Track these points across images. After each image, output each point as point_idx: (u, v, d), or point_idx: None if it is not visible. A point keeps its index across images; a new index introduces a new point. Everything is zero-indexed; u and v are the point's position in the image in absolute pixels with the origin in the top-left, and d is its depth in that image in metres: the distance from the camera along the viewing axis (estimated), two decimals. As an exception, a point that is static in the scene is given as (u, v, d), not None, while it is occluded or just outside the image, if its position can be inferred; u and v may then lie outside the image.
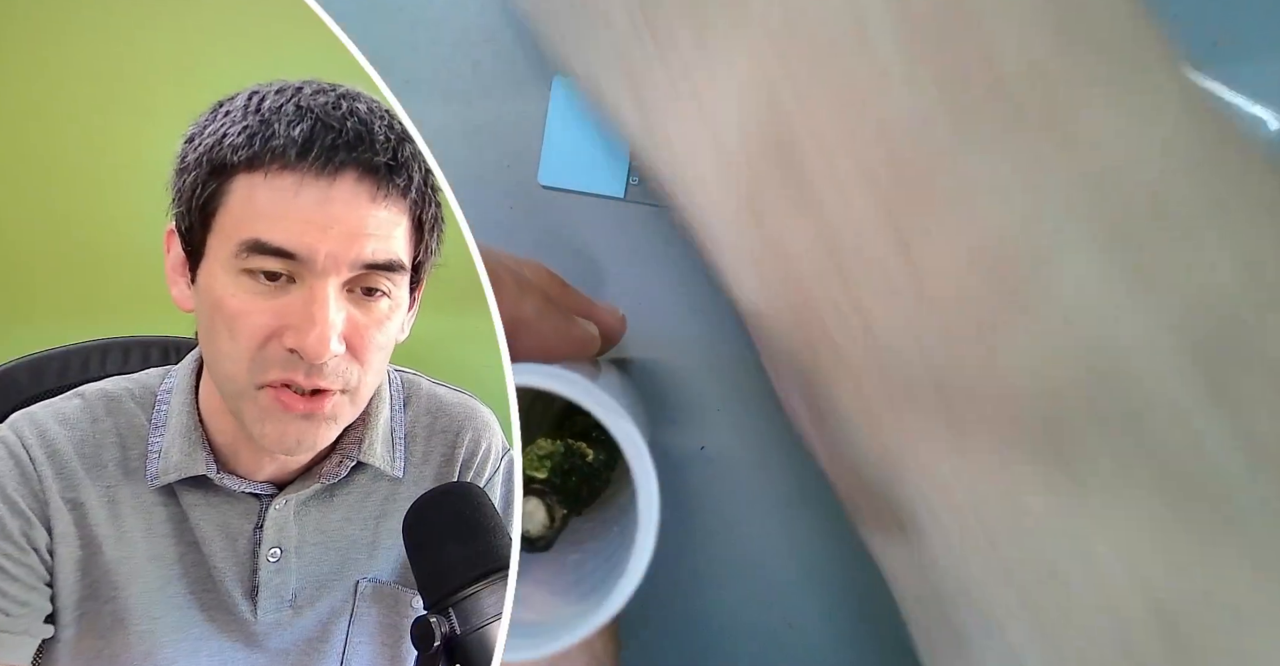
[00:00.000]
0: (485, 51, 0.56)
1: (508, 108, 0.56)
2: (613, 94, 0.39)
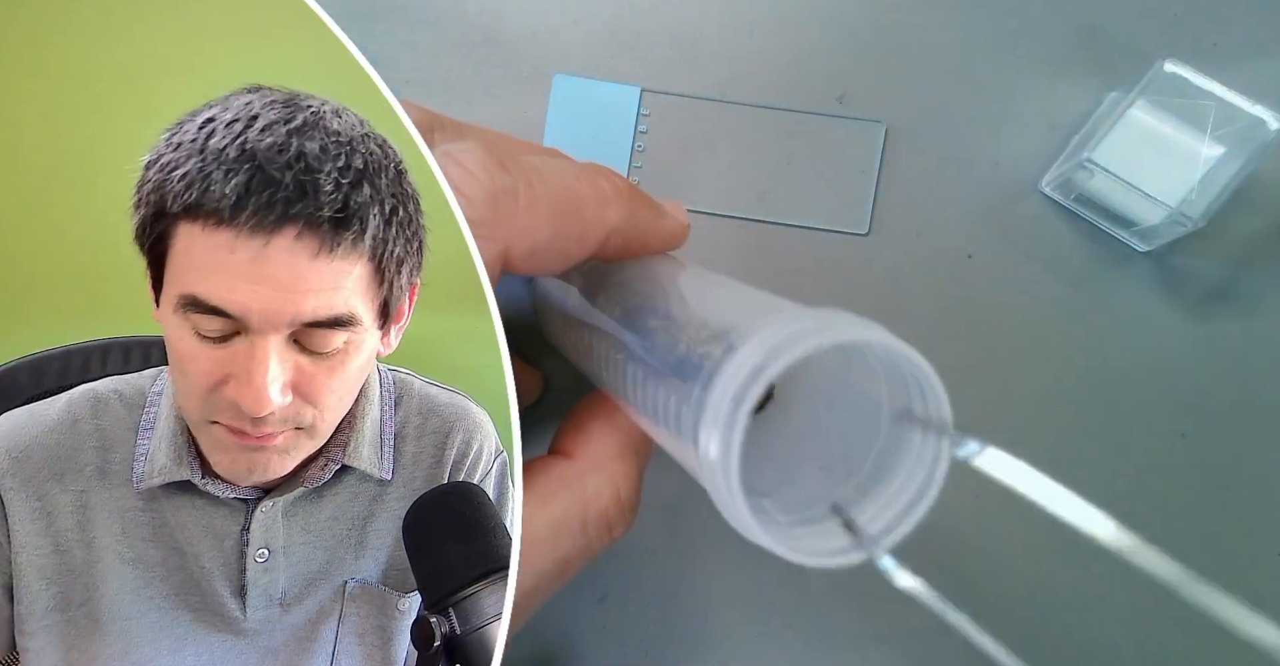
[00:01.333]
0: (485, 51, 0.57)
1: (508, 108, 0.56)
2: None
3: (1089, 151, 0.49)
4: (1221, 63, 0.50)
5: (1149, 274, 0.53)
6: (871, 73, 0.55)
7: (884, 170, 0.54)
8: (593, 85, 0.56)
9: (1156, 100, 0.48)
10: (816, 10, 0.55)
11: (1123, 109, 0.49)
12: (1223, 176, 0.48)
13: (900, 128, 0.55)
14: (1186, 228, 0.48)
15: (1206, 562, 0.57)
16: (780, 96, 0.55)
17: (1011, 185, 0.54)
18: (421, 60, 0.56)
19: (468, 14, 0.56)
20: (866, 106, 0.55)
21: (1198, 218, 0.47)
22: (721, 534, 0.56)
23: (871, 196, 0.55)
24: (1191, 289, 0.53)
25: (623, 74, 0.56)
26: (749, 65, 0.55)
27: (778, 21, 0.55)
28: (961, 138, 0.54)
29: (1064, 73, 0.54)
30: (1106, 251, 0.53)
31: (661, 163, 0.56)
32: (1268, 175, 0.51)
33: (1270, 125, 0.47)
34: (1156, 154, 0.48)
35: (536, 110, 0.56)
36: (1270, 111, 0.47)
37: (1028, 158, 0.54)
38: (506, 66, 0.56)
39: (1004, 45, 0.54)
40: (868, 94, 0.55)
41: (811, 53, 0.55)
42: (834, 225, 0.55)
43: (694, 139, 0.55)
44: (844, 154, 0.55)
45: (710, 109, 0.55)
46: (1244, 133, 0.47)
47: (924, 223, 0.54)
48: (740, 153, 0.55)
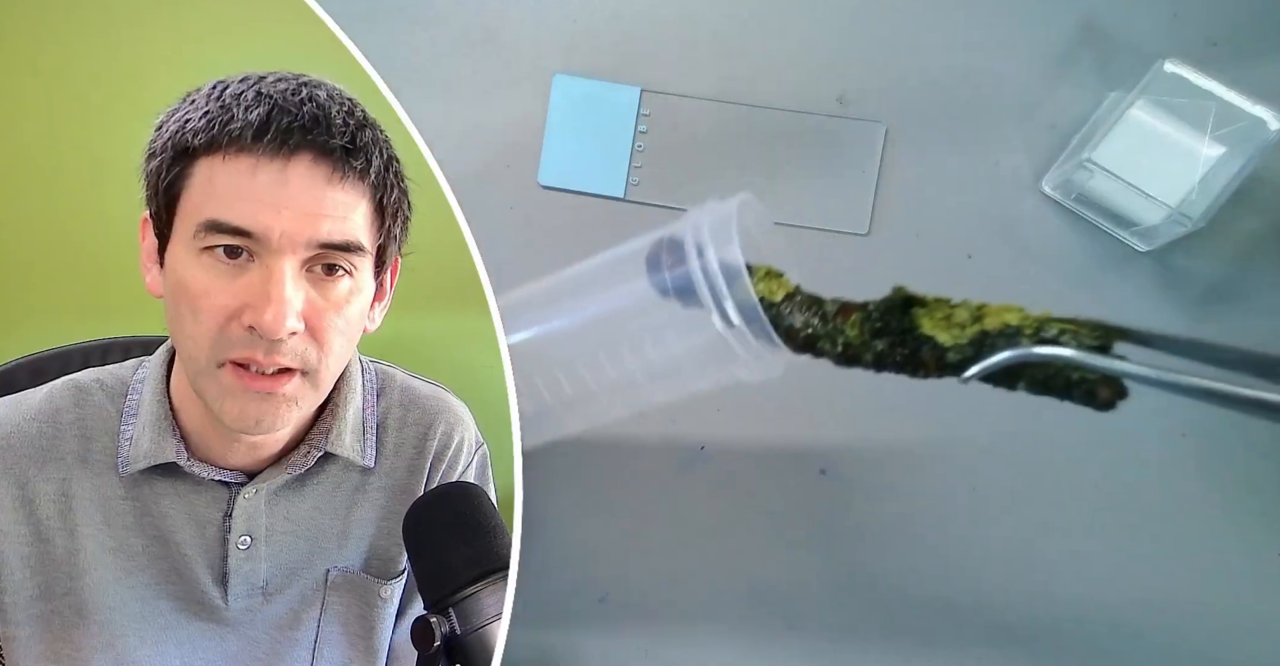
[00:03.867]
0: (485, 51, 0.57)
1: (508, 108, 0.56)
2: None
3: (1089, 151, 0.49)
4: (1221, 63, 0.50)
5: (1149, 274, 0.53)
6: (871, 73, 0.55)
7: (884, 170, 0.54)
8: (593, 85, 0.56)
9: (1156, 100, 0.48)
10: (816, 10, 0.55)
11: (1123, 109, 0.49)
12: (1223, 176, 0.48)
13: (900, 128, 0.55)
14: (1186, 228, 0.48)
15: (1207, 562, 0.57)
16: (780, 96, 0.55)
17: (1011, 185, 0.54)
18: (421, 60, 0.56)
19: (468, 14, 0.56)
20: (866, 106, 0.55)
21: (1198, 218, 0.47)
22: (721, 534, 0.56)
23: (871, 196, 0.55)
24: (1191, 289, 0.53)
25: (623, 74, 0.56)
26: (749, 65, 0.55)
27: (778, 21, 0.55)
28: (961, 138, 0.54)
29: (1064, 73, 0.54)
30: (1106, 251, 0.53)
31: (661, 163, 0.56)
32: (1268, 175, 0.51)
33: (1270, 125, 0.47)
34: (1156, 154, 0.48)
35: (536, 110, 0.56)
36: (1270, 111, 0.47)
37: (1028, 158, 0.54)
38: (506, 66, 0.56)
39: (1004, 45, 0.54)
40: (868, 94, 0.55)
41: (811, 53, 0.55)
42: (834, 225, 0.55)
43: (694, 139, 0.55)
44: (844, 154, 0.55)
45: (710, 109, 0.55)
46: (1244, 133, 0.47)
47: (924, 223, 0.54)
48: (740, 153, 0.55)
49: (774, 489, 0.55)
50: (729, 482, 0.55)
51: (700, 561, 0.55)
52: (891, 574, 0.54)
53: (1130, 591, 0.53)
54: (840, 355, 0.34)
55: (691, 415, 0.55)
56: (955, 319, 0.33)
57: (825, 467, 0.55)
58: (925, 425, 0.54)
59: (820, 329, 0.34)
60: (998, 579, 0.54)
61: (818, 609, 0.54)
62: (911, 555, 0.54)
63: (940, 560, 0.54)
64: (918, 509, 0.54)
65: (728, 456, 0.55)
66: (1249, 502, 0.52)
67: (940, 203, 0.54)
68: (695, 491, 0.55)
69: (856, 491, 0.54)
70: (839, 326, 0.34)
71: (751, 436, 0.55)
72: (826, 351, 0.35)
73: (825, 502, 0.54)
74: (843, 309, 0.34)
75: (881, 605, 0.54)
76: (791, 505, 0.55)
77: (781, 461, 0.55)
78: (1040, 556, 0.53)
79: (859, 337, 0.34)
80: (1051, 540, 0.53)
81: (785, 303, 0.35)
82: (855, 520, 0.54)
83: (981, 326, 0.32)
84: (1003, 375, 0.32)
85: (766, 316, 0.35)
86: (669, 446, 0.55)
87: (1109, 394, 0.32)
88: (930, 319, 0.33)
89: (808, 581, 0.54)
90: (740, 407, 0.55)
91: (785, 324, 0.35)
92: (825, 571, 0.54)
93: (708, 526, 0.55)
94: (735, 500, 0.55)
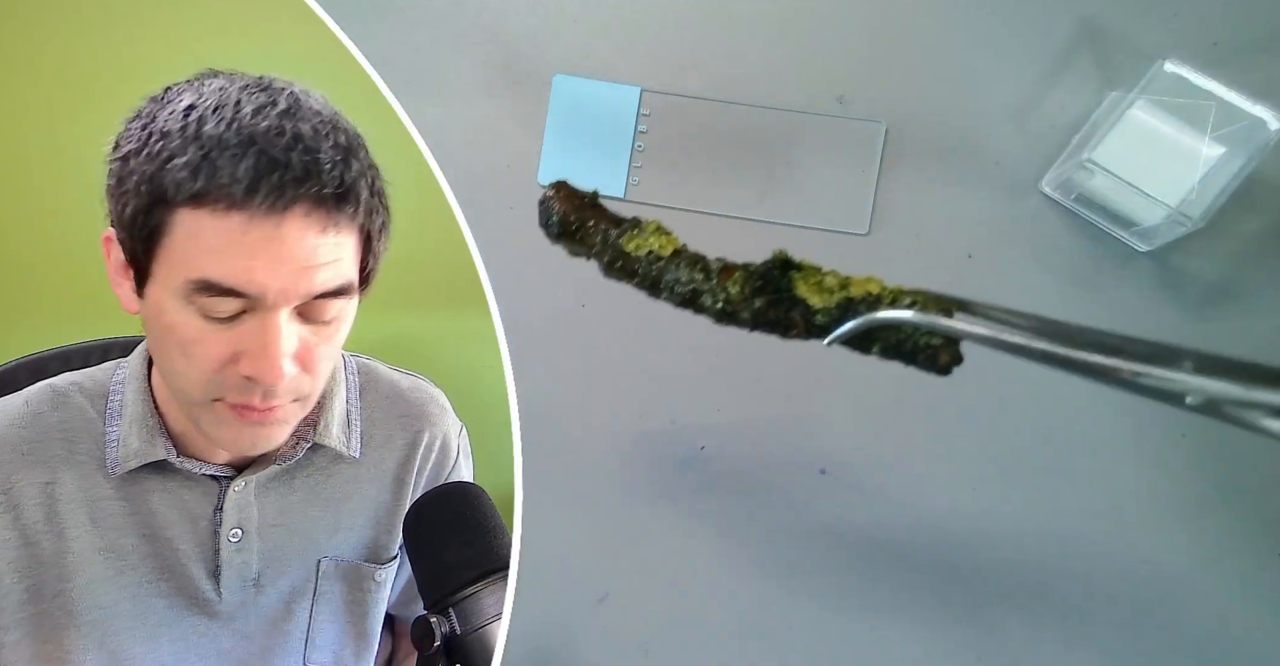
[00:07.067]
0: (485, 51, 0.57)
1: (508, 108, 0.56)
2: None
3: (1089, 151, 0.49)
4: (1221, 63, 0.49)
5: (1149, 274, 0.53)
6: (871, 73, 0.55)
7: (884, 170, 0.54)
8: (593, 85, 0.56)
9: (1156, 100, 0.48)
10: (816, 10, 0.55)
11: (1123, 109, 0.49)
12: (1223, 176, 0.48)
13: (900, 128, 0.55)
14: (1186, 228, 0.48)
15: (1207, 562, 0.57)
16: (780, 96, 0.55)
17: (1011, 185, 0.54)
18: (421, 60, 0.56)
19: (468, 14, 0.56)
20: (866, 106, 0.55)
21: (1198, 218, 0.47)
22: (721, 534, 0.56)
23: (871, 196, 0.54)
24: (1191, 289, 0.53)
25: (623, 74, 0.56)
26: (749, 65, 0.55)
27: (778, 21, 0.55)
28: (961, 138, 0.54)
29: (1064, 72, 0.54)
30: (1106, 251, 0.53)
31: (661, 163, 0.56)
32: (1268, 175, 0.51)
33: (1270, 125, 0.47)
34: (1156, 154, 0.48)
35: (536, 110, 0.56)
36: (1270, 111, 0.47)
37: (1028, 158, 0.54)
38: (506, 66, 0.56)
39: (1004, 45, 0.54)
40: (868, 94, 0.55)
41: (811, 53, 0.55)
42: (834, 225, 0.55)
43: (694, 139, 0.55)
44: (844, 154, 0.55)
45: (710, 109, 0.55)
46: (1244, 133, 0.47)
47: (924, 223, 0.54)
48: (740, 153, 0.55)
49: (774, 489, 0.55)
50: (729, 482, 0.55)
51: (700, 561, 0.55)
52: (892, 574, 0.54)
53: (1130, 591, 0.53)
54: (720, 311, 0.36)
55: (691, 415, 0.55)
56: (825, 285, 0.35)
57: (825, 467, 0.55)
58: (925, 425, 0.54)
59: (703, 285, 0.36)
60: (999, 582, 0.54)
61: (818, 609, 0.54)
62: (912, 555, 0.54)
63: (940, 560, 0.54)
64: (918, 509, 0.54)
65: (728, 456, 0.55)
66: (1248, 502, 0.52)
67: (940, 203, 0.54)
68: (695, 491, 0.55)
69: (856, 491, 0.54)
70: (722, 283, 0.36)
71: (751, 436, 0.55)
72: (707, 307, 0.36)
73: (825, 502, 0.54)
74: (726, 268, 0.36)
75: (882, 605, 0.54)
76: (791, 505, 0.55)
77: (781, 461, 0.55)
78: (1041, 557, 0.53)
79: (740, 295, 0.36)
80: (1051, 543, 0.53)
81: (673, 258, 0.37)
82: (855, 520, 0.54)
83: (847, 293, 0.35)
84: (861, 339, 0.35)
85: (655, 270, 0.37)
86: (669, 446, 0.55)
87: (948, 359, 0.35)
88: (805, 283, 0.36)
89: (808, 581, 0.54)
90: (740, 407, 0.55)
91: (670, 278, 0.37)
92: (825, 571, 0.54)
93: (708, 526, 0.55)
94: (735, 500, 0.55)
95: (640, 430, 0.56)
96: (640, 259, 0.37)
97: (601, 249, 0.37)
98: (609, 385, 0.56)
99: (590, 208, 0.38)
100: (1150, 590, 0.53)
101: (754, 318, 0.36)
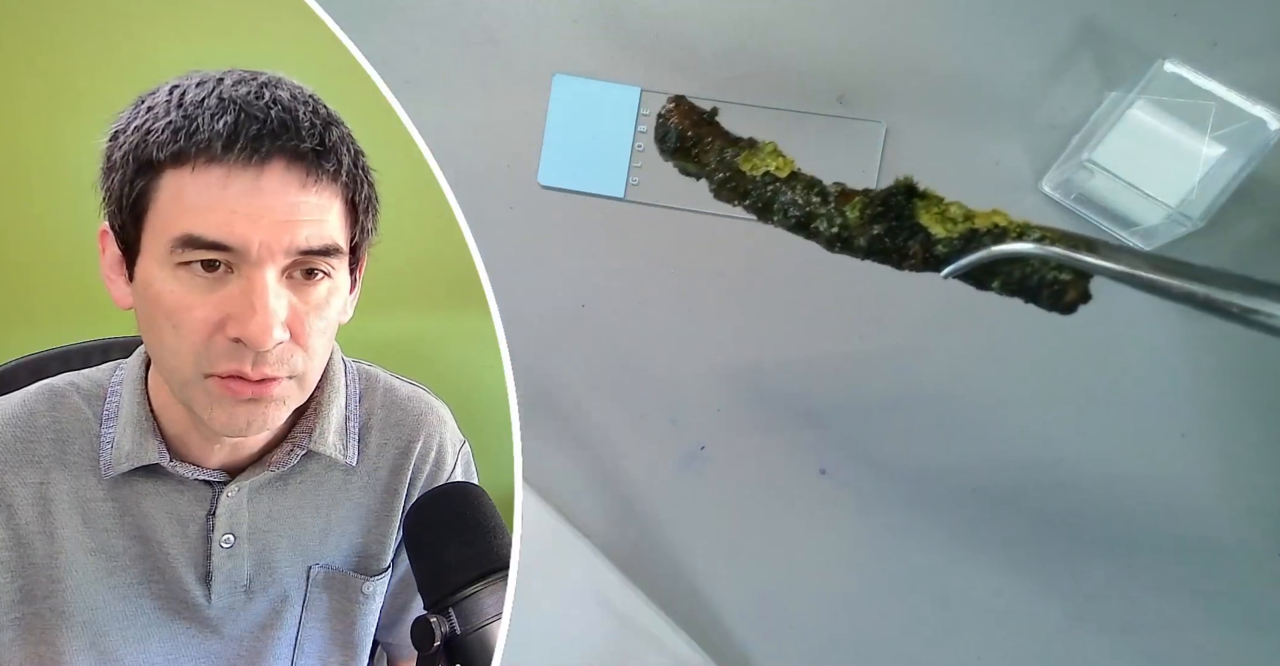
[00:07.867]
0: (485, 51, 0.57)
1: (508, 108, 0.56)
2: None
3: (1089, 151, 0.49)
4: (1221, 63, 0.50)
5: (1149, 274, 0.53)
6: (871, 73, 0.55)
7: (884, 170, 0.54)
8: (593, 85, 0.56)
9: (1156, 100, 0.48)
10: (816, 10, 0.55)
11: (1123, 109, 0.49)
12: (1223, 176, 0.48)
13: (900, 128, 0.55)
14: (1186, 228, 0.48)
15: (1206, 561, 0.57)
16: (780, 96, 0.55)
17: (1011, 185, 0.54)
18: (421, 60, 0.56)
19: (468, 14, 0.56)
20: (866, 106, 0.55)
21: (1198, 218, 0.47)
22: (722, 534, 0.56)
23: (871, 196, 0.54)
24: (1191, 289, 0.53)
25: (623, 74, 0.56)
26: (749, 65, 0.55)
27: (778, 21, 0.55)
28: (961, 138, 0.54)
29: (1064, 72, 0.54)
30: (1106, 251, 0.53)
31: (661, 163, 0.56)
32: (1268, 175, 0.51)
33: (1270, 125, 0.47)
34: (1156, 154, 0.48)
35: (536, 110, 0.56)
36: (1270, 111, 0.47)
37: (1028, 158, 0.54)
38: (506, 66, 0.56)
39: (1004, 45, 0.54)
40: (868, 94, 0.55)
41: (811, 53, 0.55)
42: (834, 225, 0.55)
43: (694, 139, 0.55)
44: (844, 154, 0.55)
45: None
46: (1244, 133, 0.47)
47: (924, 223, 0.54)
48: (740, 153, 0.55)
49: (774, 489, 0.55)
50: (729, 482, 0.55)
51: (700, 561, 0.55)
52: (892, 575, 0.54)
53: (1130, 591, 0.53)
54: (834, 236, 0.35)
55: (691, 415, 0.55)
56: (949, 214, 0.34)
57: (825, 467, 0.55)
58: (925, 425, 0.54)
59: (819, 208, 0.35)
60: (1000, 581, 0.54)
61: (818, 608, 0.54)
62: (912, 556, 0.54)
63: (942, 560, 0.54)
64: (918, 509, 0.54)
65: (728, 456, 0.55)
66: (1248, 502, 0.52)
67: (940, 203, 0.54)
68: (695, 491, 0.55)
69: (856, 491, 0.54)
70: (840, 207, 0.35)
71: (751, 436, 0.55)
72: (820, 232, 0.35)
73: (825, 502, 0.54)
74: (844, 193, 0.35)
75: (882, 605, 0.54)
76: (791, 505, 0.55)
77: (781, 461, 0.55)
78: (1040, 556, 0.53)
79: (858, 221, 0.34)
80: (1051, 543, 0.53)
81: (790, 180, 0.36)
82: (855, 520, 0.54)
83: (971, 224, 0.34)
84: (979, 273, 0.33)
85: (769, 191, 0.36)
86: (669, 446, 0.56)
87: (1075, 295, 0.33)
88: (928, 211, 0.34)
89: (807, 581, 0.54)
90: (740, 407, 0.55)
91: (785, 200, 0.35)
92: (825, 571, 0.54)
93: (708, 526, 0.55)
94: (735, 500, 0.55)
95: (640, 430, 0.56)
96: (755, 179, 0.36)
97: (716, 167, 0.36)
98: (609, 385, 0.56)
99: (707, 125, 0.37)
100: (1150, 589, 0.53)
101: (869, 245, 0.34)
